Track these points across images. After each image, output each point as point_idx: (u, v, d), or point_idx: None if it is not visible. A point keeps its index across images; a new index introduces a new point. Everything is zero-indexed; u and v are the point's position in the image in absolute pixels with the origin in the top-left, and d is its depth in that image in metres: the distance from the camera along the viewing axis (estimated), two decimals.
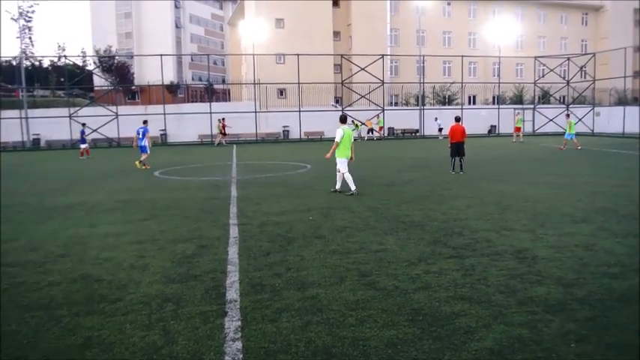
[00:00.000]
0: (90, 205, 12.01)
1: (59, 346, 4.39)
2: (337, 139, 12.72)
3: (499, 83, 47.52)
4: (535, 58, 49.13)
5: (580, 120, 46.03)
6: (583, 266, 6.40)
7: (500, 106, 47.39)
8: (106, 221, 9.95)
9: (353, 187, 12.63)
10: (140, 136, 21.74)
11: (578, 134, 43.67)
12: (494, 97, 53.16)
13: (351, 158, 12.98)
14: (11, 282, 6.18)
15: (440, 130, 40.32)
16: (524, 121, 38.59)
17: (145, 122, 22.79)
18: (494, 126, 46.31)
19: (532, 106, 48.37)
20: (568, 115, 30.84)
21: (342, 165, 12.81)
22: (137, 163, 21.17)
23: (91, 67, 69.15)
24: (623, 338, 4.37)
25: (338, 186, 13.08)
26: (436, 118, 41.69)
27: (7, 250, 7.81)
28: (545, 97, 51.63)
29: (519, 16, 62.78)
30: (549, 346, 4.24)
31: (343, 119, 13.03)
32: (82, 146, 29.09)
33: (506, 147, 28.07)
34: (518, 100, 53.94)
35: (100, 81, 59.70)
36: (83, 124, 30.65)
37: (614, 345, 4.25)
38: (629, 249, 7.18)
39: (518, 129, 35.92)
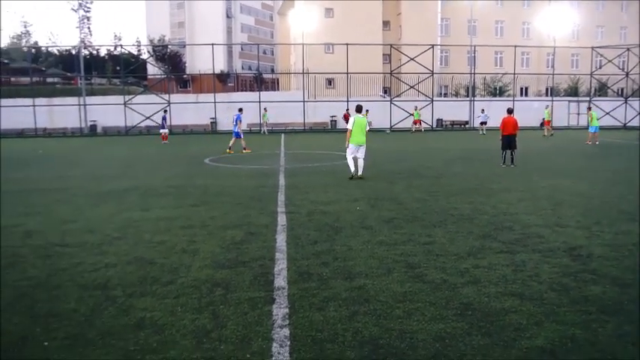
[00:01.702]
0: (143, 189, 12.38)
1: (114, 325, 4.55)
2: (349, 127, 13.68)
3: (553, 74, 46.00)
4: (592, 48, 47.23)
5: (639, 114, 44.08)
6: None
7: (554, 98, 45.86)
8: (158, 206, 10.25)
9: (360, 172, 13.71)
10: (234, 122, 22.87)
11: (637, 128, 42.10)
12: (547, 89, 51.49)
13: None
14: (70, 262, 6.45)
15: (483, 123, 36.13)
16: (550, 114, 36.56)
17: (240, 110, 23.96)
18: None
19: (588, 98, 46.59)
20: (589, 108, 29.58)
21: (352, 151, 13.72)
22: (242, 150, 22.50)
23: (145, 56, 70.94)
24: None
25: (360, 172, 13.75)
26: (482, 110, 38.23)
27: (66, 231, 8.16)
28: (602, 89, 49.62)
29: (576, 5, 60.31)
30: (604, 347, 4.10)
31: (359, 109, 14.00)
32: (162, 131, 30.42)
33: (559, 140, 27.18)
34: (573, 92, 52.07)
35: (153, 70, 61.24)
36: (165, 111, 31.97)
37: None
38: None
39: (547, 122, 34.43)
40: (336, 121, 42.48)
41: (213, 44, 42.81)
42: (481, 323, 4.52)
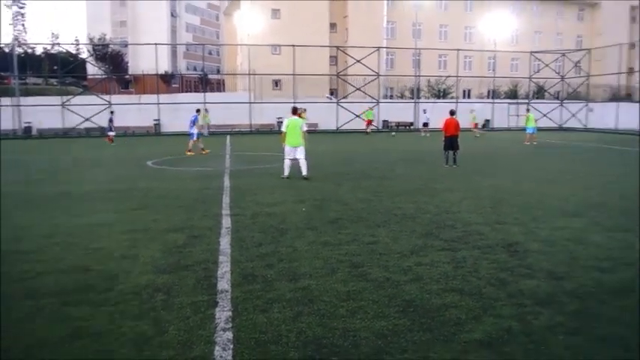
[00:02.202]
0: (81, 194, 11.95)
1: (48, 336, 4.36)
2: (283, 129, 14.13)
3: (494, 77, 47.54)
4: (530, 53, 49.15)
5: (574, 115, 46.26)
6: (573, 260, 6.43)
7: (495, 101, 47.43)
8: (97, 210, 9.90)
9: (286, 174, 13.92)
10: (190, 123, 22.77)
11: (571, 129, 44.15)
12: (489, 92, 53.19)
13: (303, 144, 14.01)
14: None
15: (425, 124, 35.73)
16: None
17: (198, 111, 24.02)
18: (489, 120, 46.33)
19: (527, 100, 48.44)
20: (528, 110, 30.59)
21: (286, 152, 13.94)
22: (201, 151, 22.32)
23: (84, 55, 68.66)
24: (611, 331, 4.39)
25: (304, 172, 13.83)
26: (424, 111, 37.62)
27: None
28: (540, 92, 51.73)
29: (516, 11, 62.70)
30: (538, 338, 4.26)
31: (294, 111, 14.53)
32: (110, 133, 29.58)
33: (500, 141, 28.13)
34: (512, 94, 54.01)
35: (93, 69, 59.26)
36: (112, 112, 31.09)
37: (602, 337, 4.27)
38: (619, 243, 7.22)
39: (474, 125, 35.09)
40: (282, 122, 42.39)
41: (156, 44, 41.83)
42: (422, 319, 4.61)
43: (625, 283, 5.59)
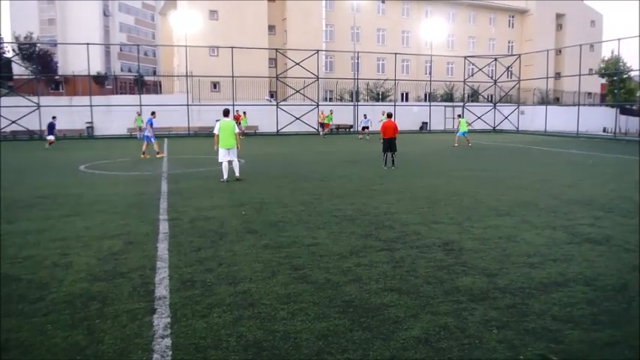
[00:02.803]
0: (7, 200, 11.34)
1: None
2: (216, 131, 13.98)
3: (431, 81, 48.88)
4: (465, 57, 50.91)
5: (506, 118, 48.29)
6: (505, 257, 6.71)
7: (432, 104, 48.78)
8: (25, 218, 9.43)
9: (225, 177, 13.86)
10: (145, 126, 22.42)
11: (504, 131, 46.05)
12: (426, 95, 54.63)
13: (237, 147, 14.15)
14: None
15: (365, 128, 35.62)
16: (368, 119, 36.84)
17: (153, 113, 23.37)
18: (426, 122, 47.61)
19: (462, 103, 50.11)
20: (460, 115, 31.56)
21: (220, 155, 13.95)
22: (141, 155, 21.67)
23: (9, 54, 65.23)
24: (540, 323, 4.62)
25: (237, 174, 14.07)
26: (365, 115, 37.58)
27: None
28: (474, 96, 53.64)
29: (451, 17, 64.83)
30: (473, 333, 4.42)
31: (226, 113, 14.39)
32: (49, 137, 28.24)
33: (437, 143, 28.95)
34: (448, 97, 55.72)
35: (20, 69, 56.44)
36: (54, 117, 29.62)
37: (532, 330, 4.48)
38: (547, 240, 7.59)
39: (327, 125, 37.94)
40: (239, 123, 41.90)
41: (88, 44, 40.38)
42: (362, 319, 4.68)
43: (552, 277, 5.89)
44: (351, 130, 44.37)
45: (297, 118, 41.62)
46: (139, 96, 41.10)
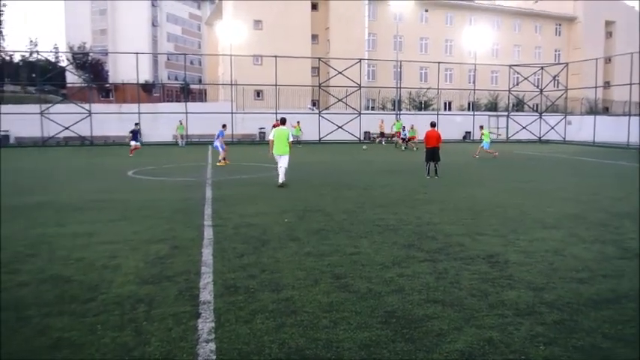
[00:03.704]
0: (60, 204, 11.80)
1: (29, 348, 4.31)
2: (271, 137, 14.60)
3: (474, 90, 48.21)
4: (510, 66, 50.03)
5: (552, 128, 47.09)
6: (552, 271, 6.54)
7: (475, 113, 48.07)
8: (76, 221, 9.78)
9: (280, 180, 14.44)
10: (216, 136, 22.68)
11: (550, 141, 44.89)
12: (469, 104, 53.91)
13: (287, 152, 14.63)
14: None
15: (403, 139, 34.17)
16: (403, 125, 35.88)
17: (224, 126, 23.96)
18: (469, 132, 46.93)
19: (506, 113, 49.20)
20: (482, 127, 30.36)
21: (278, 160, 14.56)
22: (218, 163, 21.95)
23: (64, 63, 67.93)
24: (590, 341, 4.48)
25: (282, 179, 14.51)
26: (403, 127, 35.82)
27: None
28: (519, 105, 52.60)
29: (495, 25, 63.88)
30: (518, 348, 4.33)
31: (282, 121, 15.08)
32: (132, 143, 28.75)
33: (481, 153, 28.44)
34: (492, 107, 54.82)
35: (73, 78, 58.69)
36: (136, 124, 30.23)
37: (580, 348, 4.35)
38: (596, 255, 7.36)
39: (398, 134, 35.19)
40: (264, 133, 42.37)
41: (137, 53, 41.66)
42: (404, 330, 4.65)
43: (602, 294, 5.70)
44: (393, 139, 44.09)
45: (340, 127, 41.73)
46: (185, 104, 42.13)
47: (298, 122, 37.68)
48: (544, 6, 67.35)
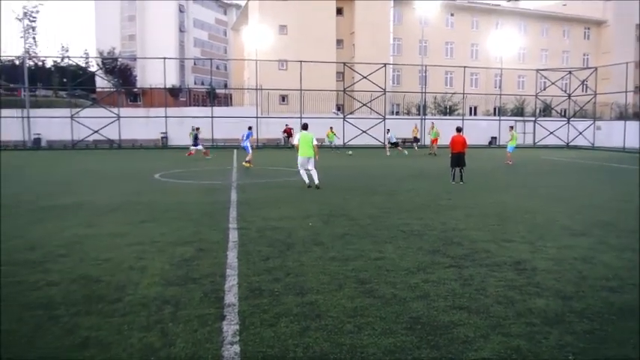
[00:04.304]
0: (89, 205, 12.02)
1: (58, 346, 4.39)
2: (295, 142, 15.39)
3: (500, 95, 47.66)
4: (537, 70, 49.36)
5: (581, 133, 46.23)
6: (582, 279, 6.40)
7: (501, 118, 47.52)
8: (105, 222, 9.96)
9: (307, 181, 15.17)
10: (244, 137, 23.64)
11: (578, 147, 44.07)
12: (495, 109, 53.29)
13: (316, 158, 15.29)
14: (10, 280, 6.18)
15: (394, 144, 33.21)
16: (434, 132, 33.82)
17: (250, 128, 24.77)
18: (495, 137, 46.41)
19: (533, 118, 48.50)
20: (512, 128, 28.35)
21: (300, 163, 15.21)
22: (244, 163, 22.50)
23: (93, 68, 69.29)
24: (622, 352, 4.37)
25: (316, 181, 15.05)
26: (388, 131, 35.46)
27: (7, 248, 7.81)
28: (546, 110, 51.80)
29: (522, 29, 63.14)
30: (547, 358, 4.25)
31: (305, 126, 15.78)
32: (193, 148, 29.16)
33: (504, 158, 28.04)
34: (519, 112, 54.11)
35: (102, 82, 59.83)
36: (197, 128, 30.48)
37: (612, 359, 4.25)
38: (627, 263, 7.19)
39: (434, 141, 32.91)
40: (289, 136, 42.55)
41: (165, 58, 42.25)
42: (430, 337, 4.60)
43: (633, 303, 5.56)
44: (418, 144, 43.84)
45: (364, 132, 41.65)
46: (211, 108, 42.56)
47: (331, 128, 37.53)
48: (572, 9, 66.34)
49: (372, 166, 23.80)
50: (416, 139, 39.29)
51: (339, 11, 56.28)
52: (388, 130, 36.04)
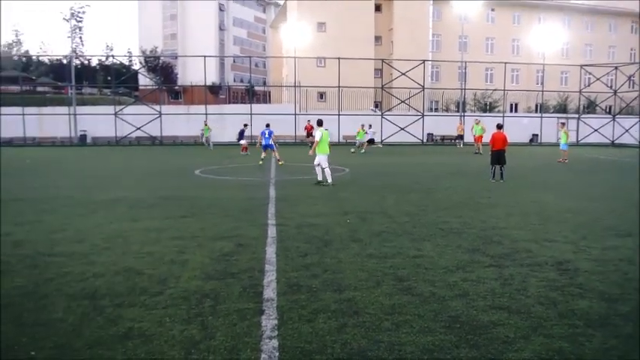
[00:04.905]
0: (132, 200, 12.34)
1: (102, 335, 4.53)
2: (317, 139, 15.02)
3: (542, 91, 46.53)
4: (581, 66, 47.92)
5: (627, 131, 44.68)
6: (627, 281, 6.21)
7: (543, 115, 46.38)
8: (147, 217, 10.22)
9: (330, 180, 14.89)
10: (267, 136, 23.00)
11: (624, 145, 42.60)
12: (536, 106, 52.07)
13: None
14: (58, 272, 6.41)
15: (370, 141, 32.60)
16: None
17: (268, 125, 24.10)
18: (536, 135, 45.36)
19: (577, 115, 47.18)
20: (563, 124, 27.16)
21: (322, 161, 15.06)
22: (279, 162, 22.38)
23: (136, 66, 70.94)
24: None
25: (320, 178, 15.21)
26: (370, 126, 34.60)
27: (55, 240, 8.12)
28: (590, 107, 50.28)
29: (566, 24, 61.36)
30: None
31: (320, 123, 15.52)
32: (243, 141, 29.83)
33: (548, 157, 27.43)
34: (562, 109, 52.70)
35: (144, 80, 61.23)
36: (245, 125, 31.17)
37: None
38: None
39: (479, 138, 31.56)
40: (309, 134, 42.52)
41: (205, 56, 42.91)
42: (469, 336, 4.55)
43: None
44: (457, 141, 43.25)
45: (402, 129, 41.35)
46: (250, 105, 43.00)
47: (362, 126, 37.29)
48: (619, 3, 64.04)
49: (407, 164, 23.60)
50: (460, 137, 38.65)
51: (378, 8, 55.94)
52: (370, 125, 34.92)
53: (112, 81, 50.39)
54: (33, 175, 18.57)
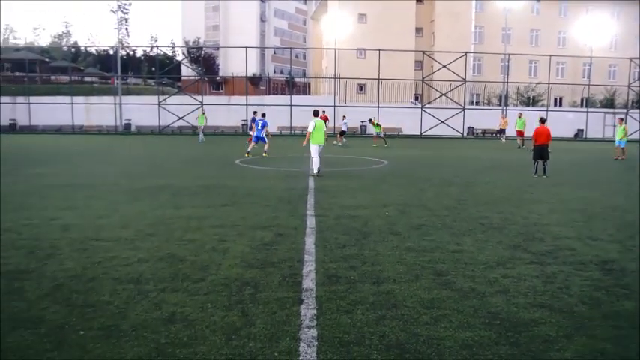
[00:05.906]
0: (176, 188, 12.62)
1: (146, 318, 4.68)
2: (310, 130, 15.20)
3: (589, 85, 45.11)
4: (630, 59, 46.17)
5: None
6: None
7: (589, 109, 44.97)
8: (190, 204, 10.44)
9: (315, 171, 15.12)
10: (259, 127, 22.07)
11: None
12: (582, 100, 50.51)
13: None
14: (105, 256, 6.64)
15: (341, 134, 32.10)
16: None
17: (264, 115, 23.08)
18: (582, 130, 44.06)
19: (624, 110, 45.56)
20: (622, 120, 25.62)
21: (313, 150, 15.21)
22: (263, 153, 21.79)
23: (179, 57, 72.11)
24: None
25: (315, 170, 15.19)
26: (344, 117, 33.81)
27: (101, 226, 8.40)
28: (639, 102, 48.45)
29: (615, 15, 59.08)
30: None
31: (315, 113, 15.74)
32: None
33: (594, 153, 26.63)
34: (609, 103, 50.97)
35: (187, 71, 62.20)
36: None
37: None
38: None
39: (520, 133, 30.65)
40: (366, 126, 42.38)
41: (246, 47, 43.28)
42: (509, 333, 4.50)
43: None
44: (499, 135, 42.41)
45: (442, 122, 40.82)
46: (290, 96, 43.20)
47: (374, 119, 36.54)
48: None
49: (448, 157, 23.31)
50: (501, 131, 37.74)
51: None
52: (344, 116, 34.12)
53: (156, 71, 51.41)
54: (81, 162, 19.19)
